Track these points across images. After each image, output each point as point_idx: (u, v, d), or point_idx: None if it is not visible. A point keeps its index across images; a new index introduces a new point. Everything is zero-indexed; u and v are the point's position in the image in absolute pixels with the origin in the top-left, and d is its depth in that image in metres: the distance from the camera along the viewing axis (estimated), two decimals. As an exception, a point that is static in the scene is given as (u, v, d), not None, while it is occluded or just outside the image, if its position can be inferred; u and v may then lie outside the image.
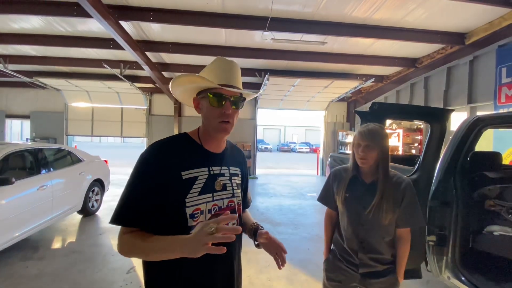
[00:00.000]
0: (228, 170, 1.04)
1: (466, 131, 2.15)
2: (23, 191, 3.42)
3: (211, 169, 0.97)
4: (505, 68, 4.55)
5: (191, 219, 0.90)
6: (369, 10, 4.65)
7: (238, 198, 1.06)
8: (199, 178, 0.93)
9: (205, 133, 1.00)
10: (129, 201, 0.87)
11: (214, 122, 0.95)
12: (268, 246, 1.05)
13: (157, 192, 0.87)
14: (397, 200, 1.42)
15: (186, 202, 0.89)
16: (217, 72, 0.95)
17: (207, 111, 0.96)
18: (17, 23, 5.46)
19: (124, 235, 0.86)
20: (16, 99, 10.78)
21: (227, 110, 0.93)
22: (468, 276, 1.99)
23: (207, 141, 1.00)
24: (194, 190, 0.91)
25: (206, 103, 0.95)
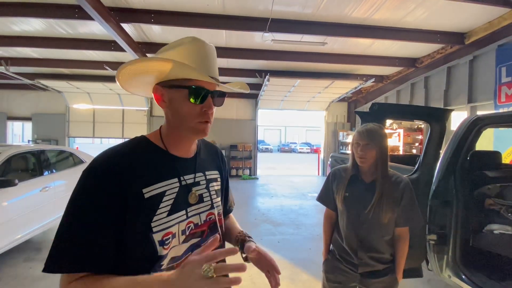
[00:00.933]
0: (204, 176, 0.86)
1: (465, 130, 2.17)
2: (26, 192, 3.44)
3: (182, 179, 0.78)
4: (505, 67, 4.56)
5: (161, 246, 0.69)
6: (369, 10, 4.67)
7: (218, 208, 0.88)
8: (167, 194, 0.73)
9: (172, 134, 0.79)
10: (71, 237, 0.63)
11: (191, 121, 0.75)
12: (258, 261, 0.87)
13: (112, 219, 0.65)
14: (396, 199, 1.43)
15: (153, 226, 0.69)
16: (199, 57, 0.73)
17: (181, 107, 0.74)
18: (18, 25, 5.49)
19: (70, 285, 0.62)
20: (18, 101, 10.82)
21: (209, 108, 0.75)
22: (469, 275, 2.00)
23: (174, 144, 0.79)
24: (161, 209, 0.71)
25: (180, 96, 0.73)
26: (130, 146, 0.76)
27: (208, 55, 0.76)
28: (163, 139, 0.80)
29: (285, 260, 3.55)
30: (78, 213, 0.65)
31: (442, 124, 2.38)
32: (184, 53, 0.72)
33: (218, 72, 0.79)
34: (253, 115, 11.55)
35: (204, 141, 0.97)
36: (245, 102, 11.41)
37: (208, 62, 0.75)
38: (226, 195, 1.03)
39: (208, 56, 0.76)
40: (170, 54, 0.73)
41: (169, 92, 0.75)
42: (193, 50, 0.74)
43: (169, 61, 0.68)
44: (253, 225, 4.92)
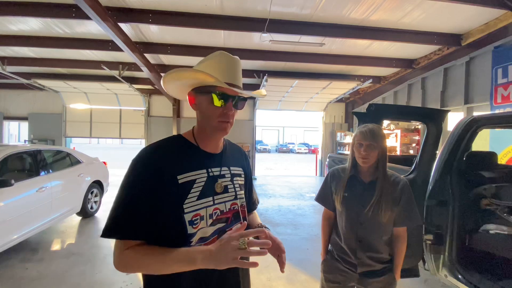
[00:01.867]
0: (229, 170, 0.98)
1: (461, 131, 2.18)
2: (22, 193, 3.42)
3: (210, 171, 0.92)
4: (501, 69, 4.60)
5: (190, 226, 0.83)
6: (366, 11, 4.69)
7: (241, 200, 1.00)
8: (197, 181, 0.87)
9: (201, 132, 0.94)
10: (124, 211, 0.79)
11: (214, 121, 0.89)
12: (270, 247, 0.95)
13: (153, 199, 0.80)
14: (395, 199, 1.44)
15: (184, 208, 0.83)
16: (222, 68, 0.88)
17: (207, 109, 0.89)
18: (15, 25, 5.46)
19: (126, 251, 0.77)
20: (14, 101, 10.74)
21: (229, 110, 0.89)
22: (465, 274, 2.01)
23: (204, 141, 0.94)
24: (192, 194, 0.85)
25: (206, 100, 0.88)
26: (168, 141, 0.92)
27: (231, 66, 0.90)
28: (195, 137, 0.95)
29: (283, 260, 3.55)
30: (126, 194, 0.81)
31: (438, 124, 2.40)
32: (211, 65, 0.88)
33: (240, 79, 0.93)
34: (251, 116, 11.56)
35: (230, 142, 1.10)
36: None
37: (230, 72, 0.89)
38: (250, 192, 1.14)
39: (231, 67, 0.90)
40: (202, 66, 0.89)
41: (199, 97, 0.91)
42: (218, 62, 0.89)
43: (198, 71, 0.84)
44: (251, 226, 4.91)
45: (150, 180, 0.81)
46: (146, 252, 0.78)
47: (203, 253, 0.73)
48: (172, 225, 0.82)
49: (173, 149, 0.90)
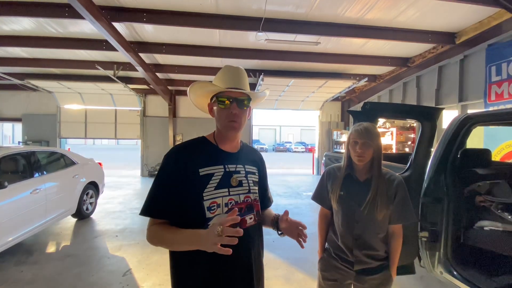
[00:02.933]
0: (244, 168, 1.12)
1: (456, 128, 2.19)
2: (15, 195, 3.38)
3: (226, 167, 1.06)
4: (495, 66, 4.64)
5: (208, 211, 0.99)
6: (361, 10, 4.70)
7: (254, 195, 1.13)
8: (216, 175, 1.03)
9: (219, 134, 1.11)
10: (155, 195, 1.00)
11: (223, 122, 1.05)
12: (289, 229, 1.10)
13: (179, 187, 0.98)
14: (390, 196, 1.45)
15: (204, 196, 0.99)
16: (224, 78, 1.06)
17: (217, 113, 1.06)
18: (7, 24, 5.39)
19: (152, 226, 0.99)
20: (7, 102, 10.61)
21: (233, 110, 1.03)
22: (460, 271, 2.03)
23: (222, 142, 1.10)
24: (210, 185, 1.01)
25: (216, 106, 1.06)
26: (193, 142, 1.11)
27: (233, 74, 1.07)
28: (215, 138, 1.12)
29: (280, 259, 3.56)
30: (158, 183, 1.01)
31: (433, 122, 2.41)
32: (218, 77, 1.09)
33: (243, 83, 1.08)
34: (248, 115, 11.53)
35: (247, 145, 1.25)
36: (239, 102, 11.35)
37: (232, 79, 1.06)
38: (264, 190, 1.27)
39: (233, 75, 1.07)
40: (214, 80, 1.10)
41: (213, 105, 1.09)
42: (222, 73, 1.08)
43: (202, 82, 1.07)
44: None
45: (176, 172, 1.00)
46: (165, 230, 0.97)
47: (197, 237, 0.87)
48: (194, 210, 0.99)
49: (197, 148, 1.08)
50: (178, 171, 1.00)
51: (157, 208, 0.99)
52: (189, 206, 0.99)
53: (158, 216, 0.99)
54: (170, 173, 1.01)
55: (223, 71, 1.09)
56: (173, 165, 1.02)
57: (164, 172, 1.02)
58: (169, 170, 1.02)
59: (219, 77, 1.08)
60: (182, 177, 0.99)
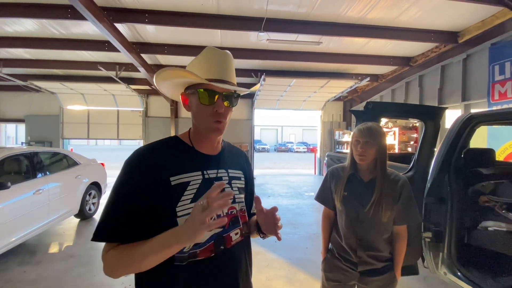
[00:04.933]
0: (227, 173, 0.94)
1: (459, 128, 2.18)
2: (19, 195, 3.39)
3: (205, 173, 0.87)
4: (498, 66, 4.61)
5: None
6: (363, 10, 4.69)
7: (240, 204, 0.95)
8: (192, 184, 0.83)
9: (197, 133, 0.91)
10: (113, 214, 0.77)
11: (205, 121, 0.86)
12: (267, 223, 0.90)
13: (144, 202, 0.77)
14: (395, 197, 1.44)
15: (177, 211, 0.79)
16: (208, 65, 0.84)
17: (197, 109, 0.86)
18: (10, 26, 5.42)
19: (109, 252, 0.75)
20: (11, 103, 10.67)
21: (219, 108, 0.84)
22: (464, 272, 2.01)
23: (200, 142, 0.91)
24: (185, 197, 0.81)
25: (195, 100, 0.85)
26: (162, 143, 0.90)
27: (219, 62, 0.85)
28: (191, 138, 0.92)
29: (282, 259, 3.55)
30: (116, 196, 0.79)
31: (436, 122, 2.40)
32: (199, 63, 0.86)
33: (230, 74, 0.87)
34: (250, 115, 11.54)
35: (229, 144, 1.07)
36: (241, 102, 11.25)
37: (218, 68, 0.84)
38: (250, 195, 1.07)
39: (219, 62, 0.85)
40: (191, 64, 0.87)
41: (190, 97, 0.89)
42: (206, 59, 0.86)
43: (180, 70, 0.80)
44: (250, 225, 4.90)
45: (141, 182, 0.78)
46: (128, 247, 0.74)
47: (174, 231, 0.70)
48: (165, 229, 0.76)
49: (167, 151, 0.87)
50: (143, 181, 0.78)
51: (115, 230, 0.75)
52: (158, 226, 0.76)
53: (117, 238, 0.76)
54: (132, 185, 0.78)
55: (206, 55, 0.86)
56: (136, 174, 0.79)
57: (125, 183, 0.79)
58: (130, 181, 0.79)
59: (201, 62, 0.85)
60: (149, 189, 0.78)
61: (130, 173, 0.80)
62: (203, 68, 0.84)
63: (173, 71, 0.81)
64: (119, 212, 0.77)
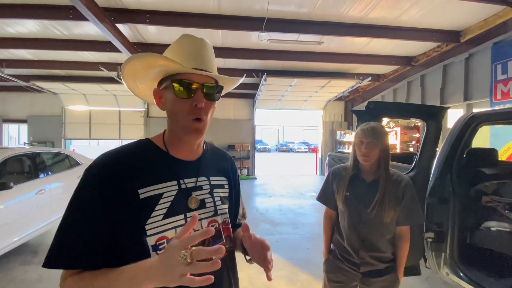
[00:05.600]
0: (208, 181, 0.82)
1: (461, 128, 2.17)
2: (21, 195, 3.41)
3: (182, 182, 0.75)
4: (500, 65, 4.59)
5: (154, 251, 0.68)
6: (364, 9, 4.67)
7: (223, 216, 0.83)
8: (165, 196, 0.71)
9: (172, 135, 0.78)
10: (69, 235, 0.64)
11: (182, 120, 0.72)
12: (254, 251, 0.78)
13: (107, 219, 0.65)
14: (398, 197, 1.43)
15: (147, 229, 0.67)
16: (183, 52, 0.72)
17: (172, 105, 0.73)
18: (12, 27, 5.44)
19: (67, 280, 0.63)
20: (13, 104, 10.72)
21: (199, 102, 0.70)
22: (467, 272, 2.00)
23: (176, 146, 0.78)
24: (157, 212, 0.69)
25: (170, 94, 0.72)
26: (131, 147, 0.76)
27: (196, 49, 0.74)
28: (165, 141, 0.79)
29: (284, 259, 3.55)
30: (73, 212, 0.66)
31: (438, 122, 2.39)
32: (172, 51, 0.74)
33: (210, 64, 0.76)
34: (251, 115, 11.54)
35: (213, 146, 0.94)
36: (242, 102, 11.39)
37: (195, 56, 0.73)
38: (236, 204, 0.95)
39: (196, 49, 0.74)
40: (166, 53, 0.75)
41: (164, 93, 0.75)
42: (180, 46, 0.74)
43: (148, 54, 0.67)
44: (251, 225, 4.82)
45: (103, 195, 0.65)
46: (89, 277, 0.62)
47: (147, 272, 0.56)
48: (132, 251, 0.66)
49: (137, 157, 0.73)
50: (105, 194, 0.65)
51: (73, 255, 0.63)
52: (125, 247, 0.66)
53: (74, 265, 0.63)
54: (93, 199, 0.65)
55: (182, 43, 0.74)
56: (97, 186, 0.66)
57: (83, 198, 0.66)
58: (90, 194, 0.66)
59: (174, 50, 0.73)
60: (112, 204, 0.65)
61: (90, 185, 0.67)
62: (177, 56, 0.71)
63: (140, 59, 0.69)
64: (77, 233, 0.64)
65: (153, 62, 0.70)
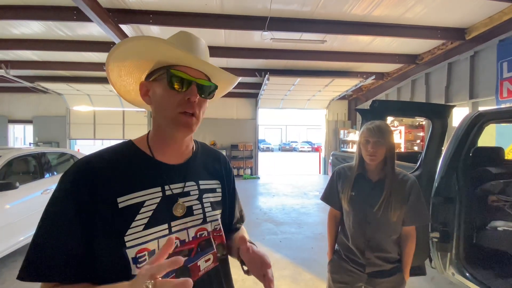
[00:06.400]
0: (197, 186, 0.76)
1: (467, 126, 2.14)
2: (27, 195, 3.44)
3: (167, 189, 0.70)
4: (506, 62, 4.52)
5: (134, 264, 0.63)
6: (368, 7, 4.64)
7: (214, 223, 0.77)
8: (146, 204, 0.66)
9: (158, 136, 0.73)
10: (41, 247, 0.60)
11: (172, 112, 0.68)
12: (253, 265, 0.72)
13: (83, 230, 0.61)
14: (404, 197, 1.41)
15: (126, 241, 0.63)
16: (181, 45, 0.71)
17: (162, 97, 0.68)
18: (17, 28, 5.50)
19: None
20: (18, 104, 10.85)
21: (192, 95, 0.67)
22: (473, 272, 1.98)
23: (161, 148, 0.73)
24: (137, 222, 0.64)
25: (160, 87, 0.68)
26: (111, 151, 0.71)
27: (196, 45, 0.73)
28: (149, 143, 0.73)
29: (287, 259, 3.54)
30: (47, 221, 0.63)
31: (444, 120, 2.36)
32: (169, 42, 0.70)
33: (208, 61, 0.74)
34: (254, 115, 11.54)
35: (204, 146, 0.88)
36: (245, 102, 11.40)
37: (195, 50, 0.72)
38: (231, 208, 0.90)
39: (191, 45, 0.72)
40: None
41: (153, 86, 0.71)
42: (179, 40, 0.72)
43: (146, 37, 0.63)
44: (255, 225, 4.91)
45: (78, 205, 0.62)
46: None
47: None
48: (111, 264, 0.63)
49: (116, 161, 0.68)
50: (79, 204, 0.61)
51: (46, 267, 0.59)
52: (103, 259, 0.62)
53: (49, 277, 0.60)
54: (68, 207, 0.62)
55: (179, 37, 0.73)
56: (70, 196, 0.62)
57: (57, 205, 0.63)
58: (64, 203, 0.62)
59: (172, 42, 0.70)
60: (89, 214, 0.61)
61: (65, 194, 0.63)
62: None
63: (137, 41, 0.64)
64: (51, 245, 0.60)
65: (151, 47, 0.65)
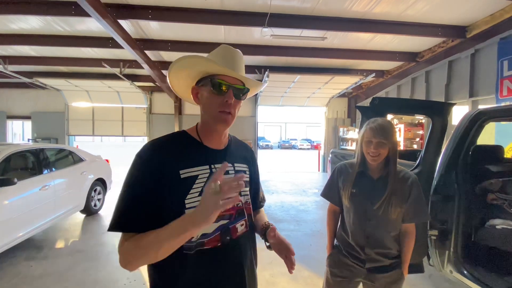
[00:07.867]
0: (233, 167, 0.98)
1: (467, 124, 2.14)
2: (25, 191, 3.43)
3: (212, 167, 0.90)
4: (507, 61, 4.51)
5: None
6: (369, 4, 4.61)
7: (246, 197, 1.00)
8: (200, 177, 0.86)
9: (205, 128, 0.95)
10: (127, 205, 0.80)
11: (214, 111, 0.89)
12: (277, 246, 0.99)
13: (156, 193, 0.81)
14: (405, 195, 1.42)
15: (186, 203, 0.83)
16: (220, 59, 0.89)
17: (207, 99, 0.90)
18: (15, 23, 5.45)
19: (125, 242, 0.78)
20: (17, 100, 10.80)
21: (229, 98, 0.87)
22: (471, 270, 1.99)
23: (207, 137, 0.95)
24: (194, 190, 0.85)
25: (206, 91, 0.89)
26: (171, 137, 0.93)
27: (232, 57, 0.91)
28: (198, 133, 0.95)
29: (286, 256, 3.55)
30: (129, 188, 0.82)
31: (444, 118, 2.35)
32: (214, 55, 0.91)
33: (241, 71, 0.93)
34: (253, 112, 11.52)
35: (236, 139, 1.10)
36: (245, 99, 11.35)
37: (231, 62, 0.89)
38: (256, 189, 1.13)
39: (232, 58, 0.91)
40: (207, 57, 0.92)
41: (201, 90, 0.92)
42: (219, 54, 0.91)
43: (195, 56, 0.84)
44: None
45: (152, 174, 0.82)
46: (144, 236, 0.76)
47: (188, 215, 0.72)
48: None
49: (176, 145, 0.91)
50: (154, 174, 0.82)
51: (130, 220, 0.79)
52: (168, 217, 0.77)
53: (132, 228, 0.79)
54: (144, 177, 0.82)
55: (219, 51, 0.92)
56: (146, 167, 0.83)
57: (136, 176, 0.83)
58: (141, 173, 0.82)
59: (215, 58, 0.90)
60: (159, 181, 0.81)
61: (141, 166, 0.83)
62: (218, 61, 0.88)
63: (190, 59, 0.85)
64: (133, 203, 0.80)
65: (199, 62, 0.86)
